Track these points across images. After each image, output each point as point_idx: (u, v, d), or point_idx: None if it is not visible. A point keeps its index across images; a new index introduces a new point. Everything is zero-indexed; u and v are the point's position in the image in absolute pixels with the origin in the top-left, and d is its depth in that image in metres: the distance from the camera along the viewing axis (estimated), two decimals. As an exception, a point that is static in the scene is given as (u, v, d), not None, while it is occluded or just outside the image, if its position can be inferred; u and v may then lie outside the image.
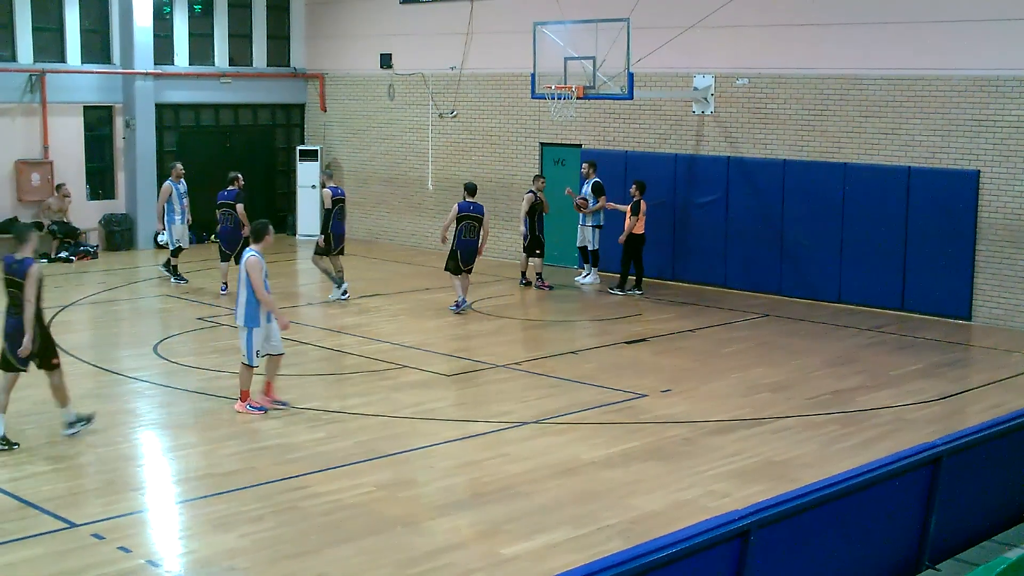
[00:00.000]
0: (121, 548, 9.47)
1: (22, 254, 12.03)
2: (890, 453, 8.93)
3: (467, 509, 10.52)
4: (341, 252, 20.63)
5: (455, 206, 19.61)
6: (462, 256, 19.30)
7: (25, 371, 12.21)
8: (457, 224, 19.45)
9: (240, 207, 20.65)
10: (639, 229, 21.07)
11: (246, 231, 19.31)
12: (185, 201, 22.15)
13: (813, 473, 11.04)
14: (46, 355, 12.21)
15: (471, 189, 19.79)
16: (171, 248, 22.09)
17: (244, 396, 13.44)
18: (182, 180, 22.29)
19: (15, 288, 11.97)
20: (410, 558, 9.36)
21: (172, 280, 21.94)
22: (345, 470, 11.49)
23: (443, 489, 11.09)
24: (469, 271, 19.50)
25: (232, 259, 20.67)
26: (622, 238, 21.08)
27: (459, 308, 19.28)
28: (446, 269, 19.60)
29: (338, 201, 20.55)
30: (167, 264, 22.39)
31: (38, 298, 11.90)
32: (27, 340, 11.81)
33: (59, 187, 24.91)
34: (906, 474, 7.89)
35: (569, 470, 11.59)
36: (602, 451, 12.21)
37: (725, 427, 13.10)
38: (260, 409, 13.34)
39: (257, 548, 9.53)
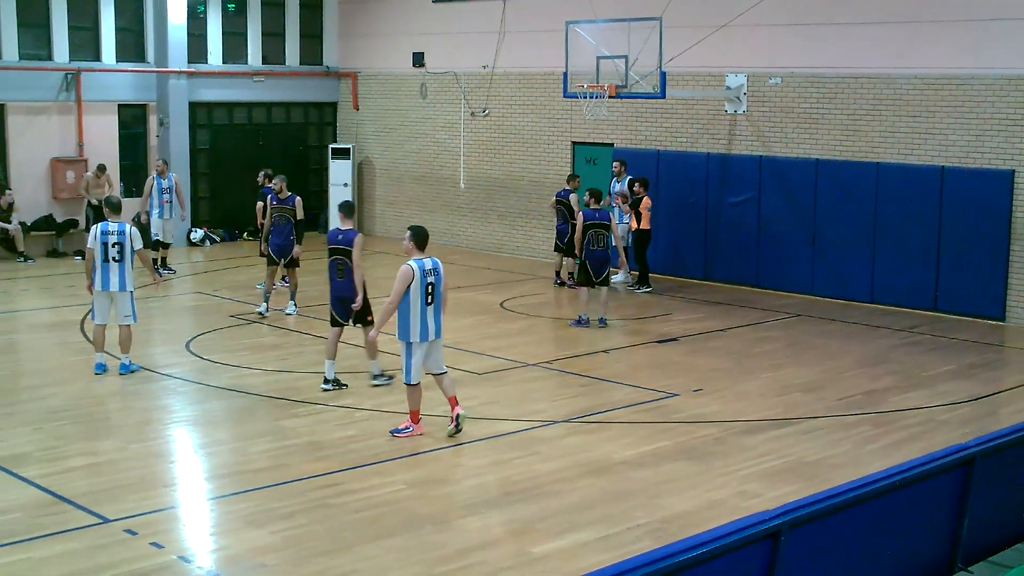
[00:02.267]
0: (153, 544, 9.53)
1: (346, 225, 14.23)
2: (923, 454, 8.89)
3: (498, 508, 10.52)
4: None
5: (580, 215, 18.49)
6: (592, 268, 18.18)
7: (347, 325, 14.22)
8: (583, 234, 18.26)
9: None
10: (644, 225, 21.03)
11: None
12: (166, 196, 22.42)
13: (845, 474, 10.99)
14: (363, 313, 14.12)
15: (596, 195, 18.62)
16: (151, 241, 22.50)
17: (412, 417, 12.48)
18: (169, 175, 22.60)
19: (340, 255, 14.01)
20: (440, 556, 9.38)
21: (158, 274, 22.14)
22: (376, 468, 11.52)
23: (474, 487, 11.11)
24: (604, 283, 18.41)
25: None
26: (634, 226, 21.30)
27: (579, 323, 18.42)
28: (578, 283, 18.87)
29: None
30: (163, 262, 22.76)
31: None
32: (360, 299, 13.92)
33: (100, 167, 24.87)
34: (939, 475, 7.84)
35: (600, 469, 11.58)
36: (633, 450, 12.19)
37: (756, 427, 13.06)
38: (405, 430, 12.46)
39: (288, 545, 9.57)
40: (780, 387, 14.87)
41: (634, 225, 21.19)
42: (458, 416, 12.38)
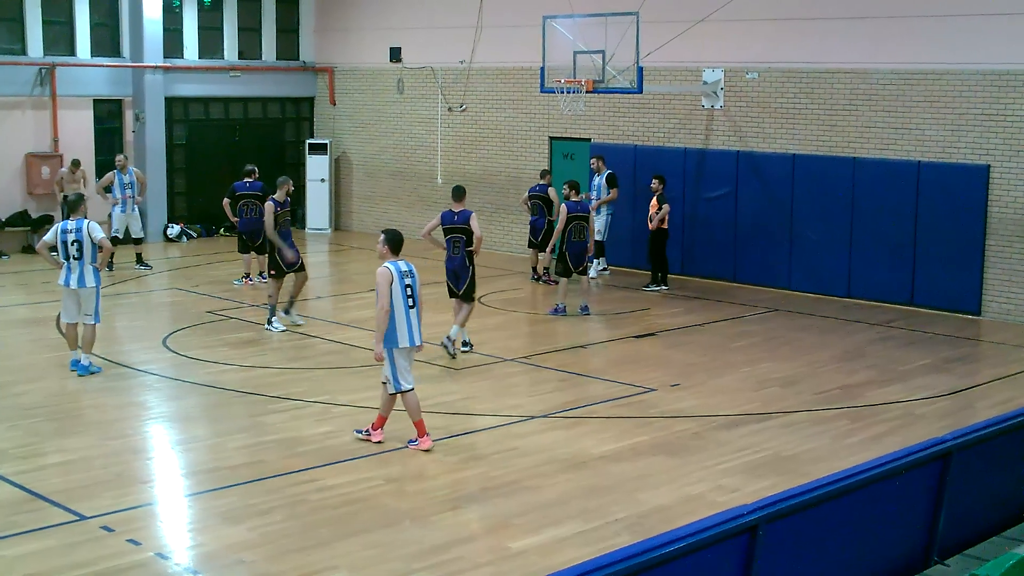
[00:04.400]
0: (130, 541, 9.49)
1: (459, 208, 15.74)
2: (899, 448, 8.93)
3: (475, 503, 10.52)
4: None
5: (563, 207, 18.79)
6: (571, 259, 18.65)
7: (458, 297, 15.89)
8: (566, 227, 18.62)
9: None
10: (664, 223, 20.85)
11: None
12: (128, 191, 22.48)
13: (822, 468, 11.03)
14: (470, 290, 15.94)
15: (576, 187, 18.98)
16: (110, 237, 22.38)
17: (377, 423, 12.11)
18: (130, 170, 22.61)
19: (456, 233, 15.67)
20: (418, 552, 9.37)
21: (109, 269, 21.87)
22: (354, 463, 11.50)
23: (452, 483, 11.10)
24: (582, 273, 18.82)
25: (254, 251, 20.75)
26: (653, 225, 20.75)
27: (556, 312, 18.80)
28: (556, 273, 19.22)
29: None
30: (138, 258, 22.74)
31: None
32: (479, 243, 15.79)
33: (74, 162, 24.68)
34: (915, 469, 7.88)
35: (578, 464, 11.59)
36: (611, 445, 12.20)
37: (734, 421, 13.08)
38: (411, 443, 12.00)
39: (266, 541, 9.55)
40: (757, 382, 14.90)
41: (664, 224, 20.89)
42: (422, 446, 11.86)
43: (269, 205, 17.58)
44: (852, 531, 7.51)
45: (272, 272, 17.57)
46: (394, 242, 11.83)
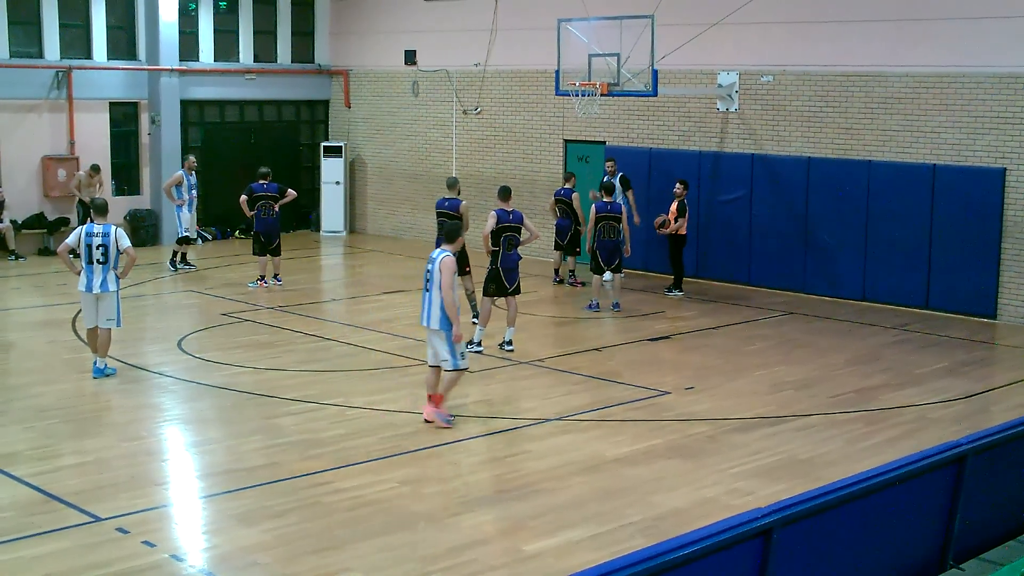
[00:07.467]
0: (145, 542, 9.52)
1: (510, 207, 16.28)
2: (914, 451, 8.90)
3: (490, 506, 10.52)
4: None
5: (592, 207, 19.37)
6: (603, 256, 19.18)
7: (508, 292, 16.38)
8: (596, 226, 19.21)
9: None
10: (683, 229, 20.76)
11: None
12: (194, 192, 22.73)
13: (837, 471, 11.01)
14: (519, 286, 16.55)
15: (609, 189, 19.54)
16: (179, 236, 22.82)
17: (438, 400, 12.90)
18: (193, 172, 22.78)
19: (511, 232, 16.14)
20: (433, 554, 9.38)
21: (174, 268, 22.71)
22: (369, 466, 11.51)
23: (466, 485, 11.11)
24: (615, 270, 19.36)
25: (269, 253, 20.93)
26: (668, 230, 20.62)
27: (591, 307, 19.45)
28: (590, 270, 19.70)
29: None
30: (183, 257, 22.98)
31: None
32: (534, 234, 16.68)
33: (93, 167, 24.77)
34: (931, 473, 7.85)
35: (592, 467, 11.58)
36: (625, 448, 12.20)
37: (748, 425, 13.07)
38: (448, 420, 12.81)
39: (280, 543, 9.56)
40: (772, 385, 14.88)
41: (683, 230, 20.85)
42: (426, 420, 12.78)
43: (465, 206, 17.88)
44: (867, 535, 7.49)
45: (468, 269, 17.49)
46: (445, 234, 13.71)
